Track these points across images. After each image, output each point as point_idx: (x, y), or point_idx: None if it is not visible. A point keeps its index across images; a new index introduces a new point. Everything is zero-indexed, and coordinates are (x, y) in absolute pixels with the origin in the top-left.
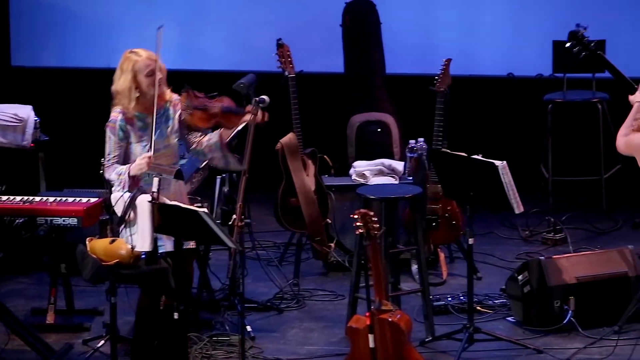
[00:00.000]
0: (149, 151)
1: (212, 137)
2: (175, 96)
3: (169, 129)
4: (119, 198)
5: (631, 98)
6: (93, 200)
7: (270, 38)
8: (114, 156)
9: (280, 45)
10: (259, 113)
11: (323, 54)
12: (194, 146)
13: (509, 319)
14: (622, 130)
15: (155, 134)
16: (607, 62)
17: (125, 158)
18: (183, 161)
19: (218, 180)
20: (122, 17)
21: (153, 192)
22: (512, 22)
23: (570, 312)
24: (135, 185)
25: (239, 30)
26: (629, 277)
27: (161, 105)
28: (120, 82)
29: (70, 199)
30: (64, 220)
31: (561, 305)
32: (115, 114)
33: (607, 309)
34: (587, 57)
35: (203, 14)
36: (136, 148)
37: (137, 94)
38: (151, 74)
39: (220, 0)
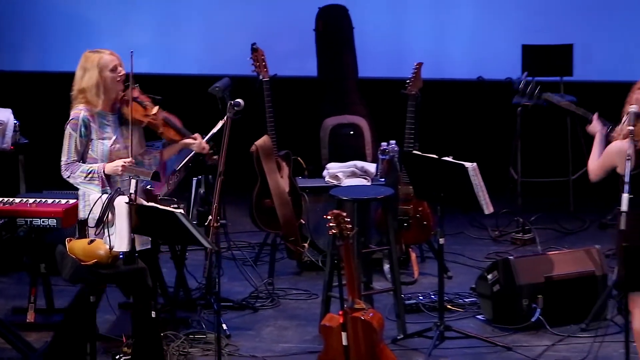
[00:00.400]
0: (112, 150)
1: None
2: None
3: (133, 133)
4: (96, 199)
5: (590, 129)
6: (72, 201)
7: (245, 42)
8: (75, 154)
9: (254, 50)
10: (203, 144)
11: (297, 58)
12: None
13: (478, 317)
14: (592, 161)
15: (115, 135)
16: (556, 102)
17: (84, 156)
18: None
19: (194, 182)
20: (100, 21)
21: (131, 193)
22: (481, 26)
23: (538, 310)
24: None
25: (214, 34)
26: (595, 275)
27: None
28: (86, 80)
29: (50, 201)
30: (43, 221)
31: (530, 303)
32: (78, 112)
33: (575, 307)
34: (536, 104)
35: (179, 18)
36: (97, 146)
37: (104, 90)
38: (115, 69)
39: (196, 5)
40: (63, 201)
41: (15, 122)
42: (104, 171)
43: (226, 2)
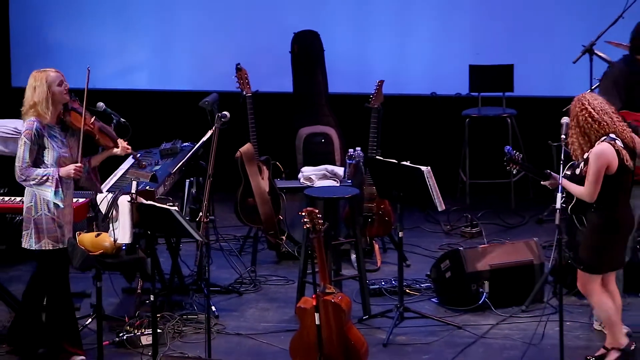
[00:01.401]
0: (60, 156)
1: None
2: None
3: (72, 142)
4: (103, 199)
5: (548, 184)
6: (81, 200)
7: (231, 63)
8: (29, 160)
9: (239, 69)
10: (125, 146)
11: (275, 76)
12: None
13: (433, 300)
14: (580, 191)
15: (59, 144)
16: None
17: (36, 162)
18: (157, 167)
19: (187, 184)
20: (104, 44)
21: (132, 193)
22: (434, 48)
23: (484, 294)
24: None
25: (203, 55)
26: (534, 264)
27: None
28: (37, 94)
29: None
30: None
31: (477, 288)
32: (31, 123)
33: (516, 291)
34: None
35: (172, 41)
36: (48, 153)
37: (52, 102)
38: (61, 83)
39: (187, 30)
40: (73, 200)
41: None
42: (59, 174)
43: (214, 28)
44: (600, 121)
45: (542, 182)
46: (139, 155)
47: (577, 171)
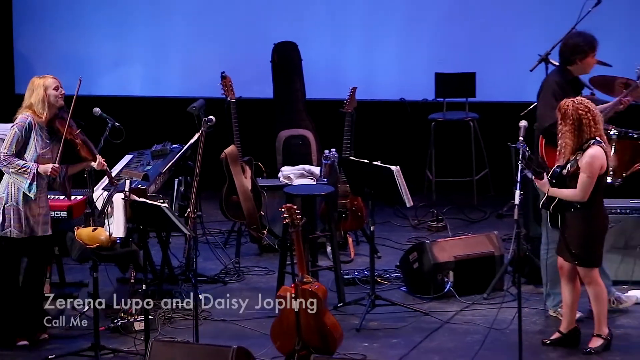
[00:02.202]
0: (40, 155)
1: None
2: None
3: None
4: (99, 196)
5: (541, 184)
6: (79, 198)
7: (216, 71)
8: (14, 149)
9: (223, 77)
10: (101, 162)
11: (257, 83)
12: None
13: (402, 288)
14: (572, 194)
15: (45, 145)
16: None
17: (18, 154)
18: (149, 167)
19: (176, 182)
20: (102, 54)
21: (126, 191)
22: (403, 58)
23: (449, 283)
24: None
25: (191, 64)
26: (494, 255)
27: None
28: (34, 97)
29: (62, 197)
30: (56, 213)
31: (442, 278)
32: (25, 117)
33: (478, 281)
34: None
35: (163, 51)
36: (31, 149)
37: (48, 105)
38: (57, 88)
39: (177, 41)
40: (71, 197)
41: None
42: (37, 169)
43: (201, 39)
44: (598, 125)
45: (537, 183)
46: (113, 174)
47: (565, 171)
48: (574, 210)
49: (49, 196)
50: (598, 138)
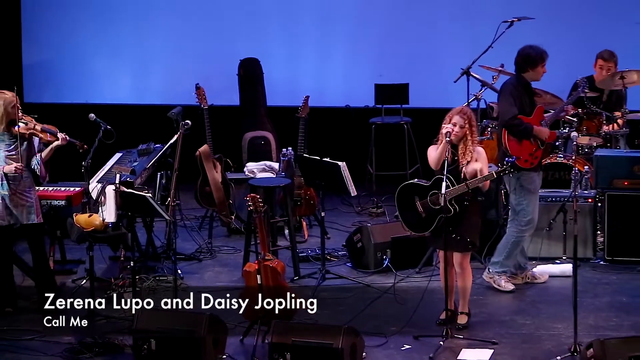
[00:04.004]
0: (7, 156)
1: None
2: (22, 125)
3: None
4: (94, 188)
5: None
6: (77, 189)
7: (191, 83)
8: None
9: (197, 88)
10: (64, 137)
11: (226, 93)
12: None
13: (348, 264)
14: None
15: (8, 147)
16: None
17: None
18: (135, 163)
19: (158, 176)
20: (96, 67)
21: (116, 183)
22: (348, 71)
23: (387, 259)
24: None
25: (171, 77)
26: (425, 236)
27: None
28: None
29: (63, 188)
30: (58, 202)
31: (381, 255)
32: None
33: (412, 257)
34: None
35: (147, 65)
36: None
37: (6, 118)
38: (14, 105)
39: (159, 56)
40: (71, 189)
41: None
42: (3, 170)
43: (179, 55)
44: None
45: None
46: (105, 169)
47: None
48: (472, 200)
49: (49, 188)
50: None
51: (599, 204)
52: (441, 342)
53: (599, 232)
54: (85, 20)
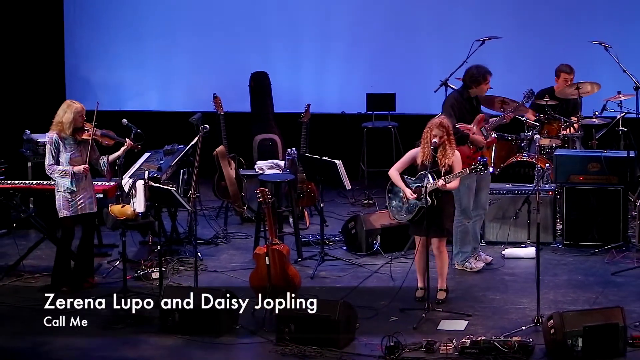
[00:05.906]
0: (72, 158)
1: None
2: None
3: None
4: (126, 183)
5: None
6: (112, 184)
7: (210, 93)
8: (52, 160)
9: (215, 97)
10: (130, 143)
11: (239, 101)
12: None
13: (343, 248)
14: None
15: (73, 150)
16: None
17: (58, 161)
18: (162, 162)
19: (182, 172)
20: (127, 78)
21: (145, 179)
22: (344, 82)
23: (377, 244)
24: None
25: (192, 87)
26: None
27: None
28: (65, 117)
29: (99, 183)
30: (97, 195)
31: (372, 240)
32: (52, 134)
33: (398, 242)
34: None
35: (171, 77)
36: (63, 156)
37: (74, 125)
38: (82, 115)
39: (182, 69)
40: (107, 184)
41: None
42: (73, 170)
43: (199, 69)
44: None
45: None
46: (135, 167)
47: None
48: (447, 192)
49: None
50: None
51: (558, 196)
52: (423, 315)
53: (558, 220)
54: (119, 38)
